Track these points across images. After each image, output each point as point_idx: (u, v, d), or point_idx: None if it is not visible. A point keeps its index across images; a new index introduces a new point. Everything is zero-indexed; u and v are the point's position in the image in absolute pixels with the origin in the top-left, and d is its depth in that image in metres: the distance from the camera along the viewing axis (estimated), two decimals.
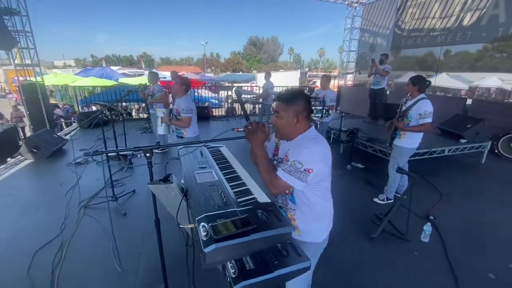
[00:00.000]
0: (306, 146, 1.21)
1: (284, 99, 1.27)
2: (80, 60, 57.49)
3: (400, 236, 2.66)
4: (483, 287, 2.11)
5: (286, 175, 1.18)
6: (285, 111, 1.25)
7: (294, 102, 1.25)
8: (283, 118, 1.26)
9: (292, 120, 1.25)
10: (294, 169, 1.17)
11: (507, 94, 7.13)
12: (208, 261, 0.84)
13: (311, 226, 1.34)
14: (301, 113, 1.25)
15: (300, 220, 1.33)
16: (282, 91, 1.33)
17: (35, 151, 4.66)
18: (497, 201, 3.53)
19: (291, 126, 1.26)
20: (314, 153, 1.20)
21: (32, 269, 2.16)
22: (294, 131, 1.28)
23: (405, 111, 3.18)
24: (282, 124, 1.27)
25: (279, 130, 1.29)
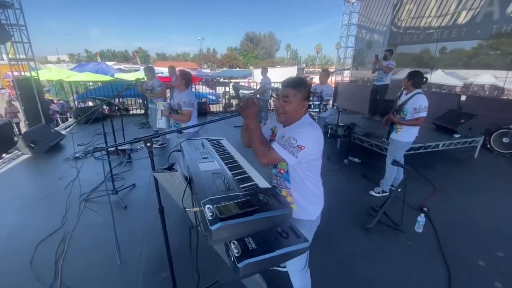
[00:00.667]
0: (302, 127, 1.33)
1: (294, 85, 1.36)
2: (74, 55, 56.68)
3: (395, 227, 2.75)
4: (474, 274, 2.20)
5: (280, 148, 1.28)
6: (294, 96, 1.35)
7: (303, 88, 1.36)
8: (292, 102, 1.35)
9: (299, 105, 1.36)
10: (288, 143, 1.28)
11: (500, 91, 7.24)
12: (214, 238, 0.89)
13: (304, 203, 1.45)
14: (306, 99, 1.38)
15: (295, 197, 1.45)
16: (287, 79, 1.42)
17: (32, 145, 4.66)
18: (488, 194, 3.64)
19: (297, 110, 1.37)
20: (308, 134, 1.31)
21: (35, 260, 2.20)
22: (298, 115, 1.39)
23: (401, 105, 3.25)
24: (290, 108, 1.36)
25: (286, 113, 1.38)
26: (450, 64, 8.57)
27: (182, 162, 1.59)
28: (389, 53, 6.15)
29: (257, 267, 0.99)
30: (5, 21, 6.78)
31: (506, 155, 5.31)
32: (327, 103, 4.55)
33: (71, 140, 5.51)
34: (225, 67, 45.25)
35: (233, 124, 7.07)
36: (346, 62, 12.34)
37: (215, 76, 21.84)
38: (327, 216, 2.85)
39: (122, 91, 3.60)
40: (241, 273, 0.96)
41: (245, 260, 0.97)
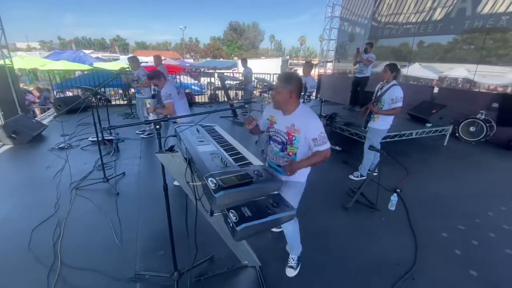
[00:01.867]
0: (315, 121, 1.70)
1: (282, 79, 1.70)
2: (46, 43, 53.36)
3: (371, 206, 3.04)
4: (436, 243, 2.52)
5: (325, 145, 1.68)
6: (283, 88, 1.66)
7: (290, 82, 1.66)
8: (282, 93, 1.67)
9: (287, 96, 1.67)
10: (324, 138, 1.68)
11: (473, 84, 7.76)
12: (218, 204, 1.06)
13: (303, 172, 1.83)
14: (294, 92, 1.67)
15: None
16: (283, 73, 1.77)
17: (14, 136, 4.53)
18: (454, 177, 4.04)
19: (287, 100, 1.69)
20: (320, 123, 1.71)
21: (33, 244, 2.26)
22: (289, 104, 1.71)
23: (378, 96, 3.50)
24: (280, 98, 1.69)
25: (277, 102, 1.72)
26: (427, 57, 9.01)
27: (179, 146, 1.72)
28: (369, 46, 6.41)
29: (252, 230, 1.17)
30: None
31: (472, 143, 5.80)
32: (310, 94, 4.75)
33: (53, 130, 5.40)
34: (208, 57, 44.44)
35: (220, 115, 7.16)
36: (329, 55, 12.62)
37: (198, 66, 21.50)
38: (310, 198, 3.11)
39: (110, 81, 3.58)
40: (239, 235, 1.14)
41: (242, 224, 1.14)
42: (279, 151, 1.83)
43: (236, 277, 2.01)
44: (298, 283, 1.98)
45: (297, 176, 1.79)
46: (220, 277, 1.98)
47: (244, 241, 1.96)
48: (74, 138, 4.96)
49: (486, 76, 7.54)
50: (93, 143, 4.64)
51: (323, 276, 2.07)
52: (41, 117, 6.87)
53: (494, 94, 6.15)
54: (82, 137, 4.98)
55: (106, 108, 5.58)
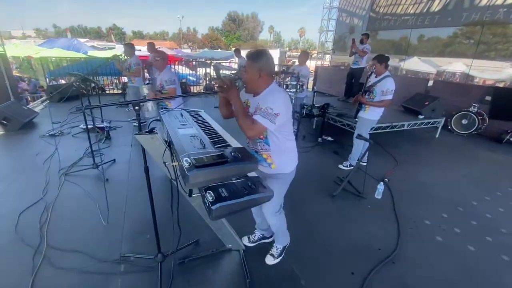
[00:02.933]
0: (272, 95, 1.52)
1: (250, 57, 1.53)
2: (41, 31, 52.28)
3: (358, 194, 3.08)
4: (420, 230, 2.57)
5: (262, 118, 1.46)
6: (249, 66, 1.51)
7: (257, 59, 1.50)
8: (248, 72, 1.52)
9: (256, 75, 1.51)
10: (267, 113, 1.46)
11: (470, 79, 7.77)
12: (191, 182, 1.07)
13: (282, 160, 1.71)
14: (264, 70, 1.50)
15: (274, 157, 1.68)
16: (250, 50, 1.57)
17: (5, 122, 4.50)
18: (442, 168, 4.10)
19: (255, 80, 1.52)
20: (279, 100, 1.50)
21: (20, 227, 2.28)
22: (259, 85, 1.55)
23: (370, 86, 3.50)
24: (248, 78, 1.54)
25: (247, 83, 1.56)
26: (427, 51, 8.95)
27: (162, 130, 1.73)
28: (365, 37, 6.36)
29: (228, 209, 1.20)
30: None
31: (464, 135, 5.86)
32: (303, 84, 4.74)
33: (45, 118, 5.35)
34: (206, 47, 43.85)
35: (214, 105, 7.13)
36: (327, 46, 12.52)
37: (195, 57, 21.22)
38: (299, 186, 3.15)
39: (99, 66, 3.56)
40: (214, 213, 1.16)
41: (217, 203, 1.16)
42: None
43: (220, 260, 2.05)
44: (279, 266, 2.03)
45: (281, 168, 1.71)
46: (204, 259, 2.02)
47: (228, 225, 1.99)
48: (66, 125, 4.93)
49: (484, 71, 7.56)
50: (84, 131, 4.62)
51: (305, 259, 2.12)
52: (33, 105, 6.80)
53: (487, 87, 6.17)
54: (74, 124, 4.95)
55: (98, 97, 5.53)
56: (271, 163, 1.70)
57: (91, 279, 1.83)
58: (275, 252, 2.07)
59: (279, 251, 2.07)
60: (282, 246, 2.09)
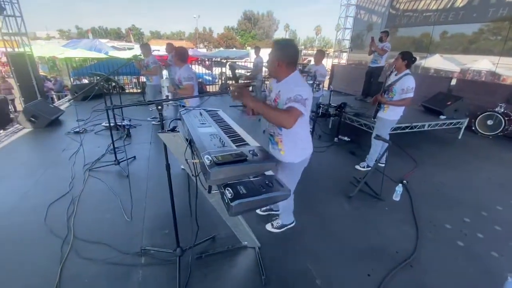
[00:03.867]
0: (298, 85, 1.58)
1: (274, 44, 1.64)
2: (65, 32, 54.68)
3: (375, 195, 3.03)
4: (440, 234, 2.50)
5: (297, 104, 1.52)
6: (271, 53, 1.63)
7: (278, 49, 1.61)
8: (270, 58, 1.65)
9: (274, 63, 1.62)
10: (299, 99, 1.53)
11: (496, 77, 7.38)
12: (212, 179, 1.11)
13: (292, 148, 1.79)
14: (282, 60, 1.60)
15: (285, 142, 1.79)
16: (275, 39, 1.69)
17: (33, 120, 4.77)
18: (464, 170, 3.94)
19: (274, 66, 1.64)
20: (305, 88, 1.59)
21: (48, 219, 2.43)
22: (277, 71, 1.66)
23: (389, 85, 3.41)
24: (269, 62, 1.68)
25: (269, 68, 1.72)
26: (450, 49, 8.57)
27: (182, 128, 1.78)
28: (384, 34, 6.19)
29: (246, 206, 1.22)
30: None
31: (489, 137, 5.59)
32: (320, 83, 4.70)
33: (69, 115, 5.63)
34: (221, 47, 44.21)
35: (229, 104, 7.21)
36: (344, 44, 12.29)
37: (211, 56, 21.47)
38: (315, 185, 3.15)
39: (121, 67, 3.71)
40: (233, 210, 1.19)
41: (236, 200, 1.19)
42: None
43: (235, 256, 2.09)
44: (295, 266, 2.04)
45: (289, 155, 1.80)
46: (220, 255, 2.07)
47: (245, 223, 2.02)
48: (89, 123, 5.16)
49: None
50: (107, 128, 4.82)
51: (321, 259, 2.12)
52: (59, 103, 7.15)
53: None
54: (96, 122, 5.17)
55: (119, 96, 5.73)
56: (281, 148, 1.81)
57: (114, 269, 1.93)
58: (275, 223, 2.34)
59: (279, 225, 2.33)
60: (282, 223, 2.32)
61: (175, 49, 3.59)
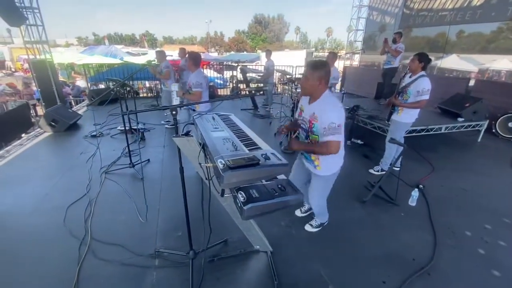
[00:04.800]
0: (331, 110, 1.71)
1: (313, 66, 1.75)
2: (83, 39, 56.81)
3: (390, 200, 2.95)
4: (459, 241, 2.41)
5: (332, 136, 1.69)
6: (311, 75, 1.73)
7: (319, 69, 1.73)
8: (310, 80, 1.74)
9: (316, 82, 1.73)
10: (333, 129, 1.68)
11: None
12: (225, 182, 1.12)
13: (328, 162, 1.95)
14: (324, 78, 1.73)
15: (321, 159, 1.94)
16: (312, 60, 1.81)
17: (53, 124, 4.97)
18: (484, 174, 3.78)
19: (315, 87, 1.75)
20: (339, 113, 1.72)
21: (67, 219, 2.52)
22: (317, 91, 1.77)
23: (404, 87, 3.34)
24: (308, 85, 1.77)
25: (305, 89, 1.81)
26: (467, 48, 8.29)
27: (195, 133, 1.81)
28: (398, 36, 6.07)
29: (259, 210, 1.22)
30: (19, 4, 6.96)
31: (511, 140, 5.35)
32: (332, 86, 4.65)
33: (87, 120, 5.83)
34: (232, 50, 44.65)
35: (240, 107, 7.25)
36: (356, 46, 12.14)
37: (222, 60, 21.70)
38: None
39: (136, 72, 3.81)
40: (246, 213, 1.19)
41: (249, 204, 1.19)
42: (304, 138, 1.94)
43: (248, 260, 2.09)
44: (307, 271, 2.01)
45: (325, 169, 1.96)
46: (233, 259, 2.07)
47: (256, 226, 2.02)
48: (105, 127, 5.32)
49: None
50: (122, 132, 4.95)
51: (334, 265, 2.08)
52: (77, 108, 7.42)
53: None
54: (112, 126, 5.32)
55: (134, 100, 5.88)
56: (317, 165, 1.95)
57: (129, 271, 1.97)
58: (314, 223, 2.45)
59: (318, 223, 2.44)
60: (320, 221, 2.44)
61: (188, 54, 3.66)
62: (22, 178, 3.33)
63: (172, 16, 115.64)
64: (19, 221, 2.53)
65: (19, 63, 20.48)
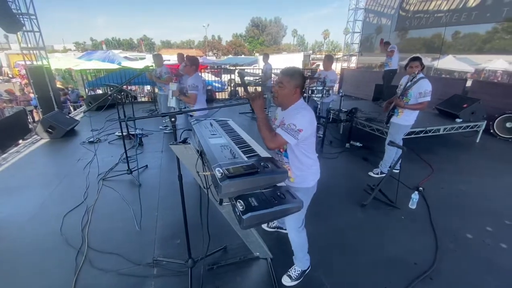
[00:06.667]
0: (298, 112, 1.54)
1: (289, 74, 1.58)
2: (80, 44, 56.87)
3: (390, 203, 2.93)
4: (460, 244, 2.38)
5: (284, 133, 1.51)
6: (288, 82, 1.56)
7: (295, 77, 1.57)
8: (286, 88, 1.56)
9: (292, 91, 1.57)
10: (290, 129, 1.50)
11: None
12: (223, 192, 1.10)
13: (301, 174, 1.69)
14: (299, 86, 1.58)
15: (293, 170, 1.69)
16: (287, 67, 1.64)
17: (50, 130, 4.93)
18: (484, 176, 3.77)
19: (290, 96, 1.58)
20: (304, 118, 1.53)
21: (64, 228, 2.48)
22: (291, 100, 1.60)
23: (405, 90, 3.33)
24: (283, 94, 1.58)
25: (279, 98, 1.61)
26: (463, 49, 8.35)
27: (193, 139, 1.79)
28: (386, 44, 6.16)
29: (258, 219, 1.20)
30: (16, 11, 6.95)
31: (509, 140, 5.36)
32: (330, 89, 4.65)
33: (84, 125, 5.79)
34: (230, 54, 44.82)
35: (239, 111, 7.24)
36: (353, 48, 12.20)
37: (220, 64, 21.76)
38: (327, 193, 3.08)
39: (133, 78, 3.78)
40: (245, 223, 1.17)
41: (248, 213, 1.17)
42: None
43: (247, 267, 2.05)
44: (308, 278, 1.98)
45: (299, 181, 1.70)
46: (232, 266, 2.04)
47: (256, 233, 1.99)
48: (103, 133, 5.28)
49: None
50: (120, 138, 4.92)
51: (335, 271, 2.05)
52: (74, 113, 7.38)
53: None
54: (109, 132, 5.29)
55: (132, 105, 5.86)
56: (289, 176, 1.69)
57: (127, 281, 1.93)
58: (293, 274, 1.94)
59: (298, 274, 1.94)
60: (301, 269, 1.96)
61: (186, 58, 3.67)
62: (19, 186, 3.29)
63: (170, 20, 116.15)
64: (16, 230, 2.49)
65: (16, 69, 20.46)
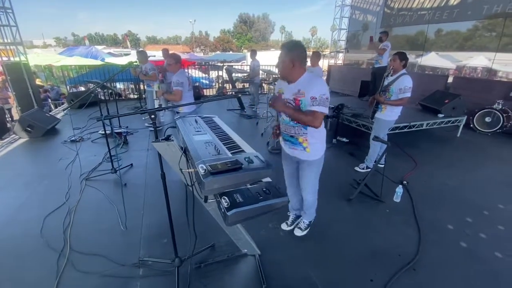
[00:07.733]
0: (321, 83, 1.69)
1: (286, 47, 1.69)
2: (61, 39, 54.83)
3: (375, 197, 2.99)
4: (442, 235, 2.46)
5: (321, 107, 1.66)
6: (285, 56, 1.67)
7: (291, 50, 1.67)
8: (284, 62, 1.68)
9: (290, 64, 1.67)
10: (323, 101, 1.65)
11: (493, 73, 7.38)
12: (207, 189, 1.08)
13: (317, 145, 1.92)
14: (296, 59, 1.67)
15: (310, 140, 1.88)
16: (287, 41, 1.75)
17: (29, 130, 4.73)
18: (464, 169, 3.91)
19: (289, 67, 1.68)
20: (324, 85, 1.71)
21: (45, 230, 2.39)
22: (292, 73, 1.72)
23: (387, 86, 3.40)
24: (282, 67, 1.71)
25: (281, 71, 1.76)
26: (445, 46, 8.59)
27: (177, 136, 1.76)
28: (384, 35, 6.21)
29: (244, 215, 1.19)
30: None
31: (488, 134, 5.58)
32: None
33: (66, 124, 5.58)
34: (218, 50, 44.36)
35: (227, 108, 7.19)
36: (340, 45, 12.30)
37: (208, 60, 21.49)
38: None
39: (116, 74, 3.67)
40: (230, 220, 1.16)
41: (233, 209, 1.16)
42: (289, 120, 1.87)
43: (235, 265, 2.05)
44: (296, 272, 2.00)
45: (314, 152, 1.91)
46: (220, 264, 2.03)
47: (243, 230, 1.98)
48: (86, 131, 5.12)
49: (508, 65, 7.15)
50: (103, 136, 4.77)
51: (322, 265, 2.08)
52: (55, 112, 7.11)
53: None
54: (93, 130, 5.13)
55: (116, 103, 5.71)
56: (306, 146, 1.89)
57: (111, 282, 1.88)
58: (302, 226, 2.36)
59: (306, 225, 2.36)
60: (308, 220, 2.38)
61: (168, 56, 3.59)
62: None
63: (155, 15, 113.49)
64: None
65: None
